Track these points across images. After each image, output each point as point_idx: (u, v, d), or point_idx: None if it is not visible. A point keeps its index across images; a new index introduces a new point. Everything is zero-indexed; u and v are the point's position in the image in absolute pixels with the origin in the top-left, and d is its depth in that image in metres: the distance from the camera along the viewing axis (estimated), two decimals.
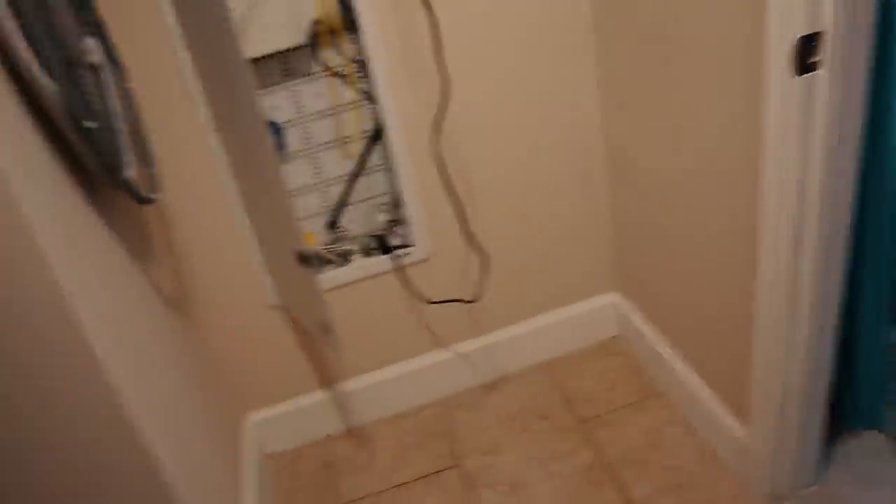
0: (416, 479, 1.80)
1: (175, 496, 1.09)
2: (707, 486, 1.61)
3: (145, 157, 1.27)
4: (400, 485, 1.80)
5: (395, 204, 1.77)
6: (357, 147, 1.70)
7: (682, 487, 1.62)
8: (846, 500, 1.52)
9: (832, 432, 1.56)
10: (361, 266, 1.79)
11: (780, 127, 1.13)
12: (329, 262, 1.76)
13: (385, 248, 1.78)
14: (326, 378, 1.94)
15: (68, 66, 0.98)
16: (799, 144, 1.13)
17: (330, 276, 1.77)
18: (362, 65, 1.60)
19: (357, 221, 1.79)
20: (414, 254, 1.80)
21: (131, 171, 1.10)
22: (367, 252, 1.80)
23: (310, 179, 1.71)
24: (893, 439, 1.61)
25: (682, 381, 1.75)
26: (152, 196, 1.20)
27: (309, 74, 1.61)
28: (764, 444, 1.47)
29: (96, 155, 1.02)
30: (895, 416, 1.63)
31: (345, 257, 1.77)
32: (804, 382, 1.37)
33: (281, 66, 1.58)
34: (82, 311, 0.93)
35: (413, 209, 1.75)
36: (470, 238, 1.78)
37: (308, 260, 1.44)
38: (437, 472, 1.81)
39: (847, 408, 1.60)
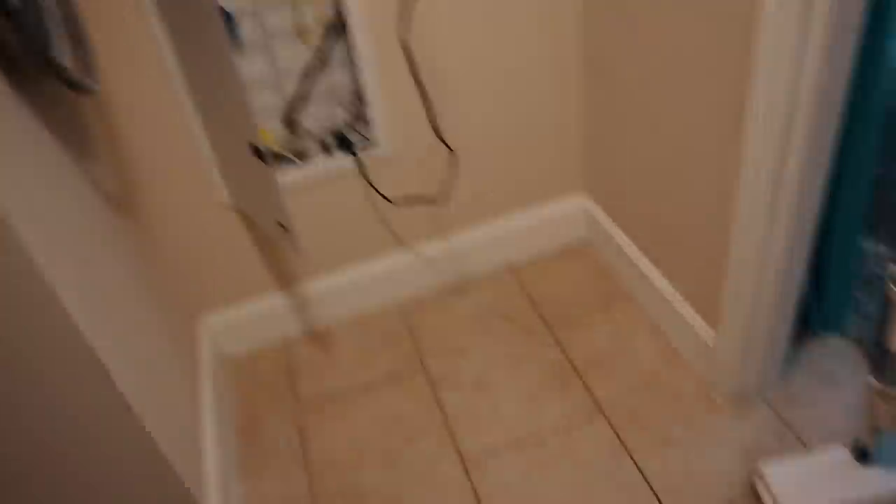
0: (378, 380, 1.78)
1: (128, 399, 1.03)
2: (672, 387, 1.62)
3: (78, 41, 1.14)
4: (362, 385, 1.77)
5: (358, 99, 1.67)
6: (316, 37, 1.58)
7: (647, 388, 1.63)
8: (807, 399, 1.55)
9: (798, 335, 1.56)
10: (321, 164, 1.70)
11: (776, 19, 1.06)
12: (286, 159, 1.67)
13: (346, 146, 1.69)
14: (284, 279, 1.87)
15: None
16: (795, 38, 1.06)
17: (287, 175, 1.68)
18: None
19: (316, 118, 1.68)
20: (377, 151, 1.71)
21: (61, 53, 0.99)
22: (327, 150, 1.70)
23: (265, 73, 1.59)
24: (856, 344, 1.62)
25: (651, 283, 1.73)
26: (87, 82, 1.08)
27: None
28: (732, 345, 1.47)
29: (20, 35, 0.90)
30: (860, 322, 1.64)
31: (303, 155, 1.68)
32: (777, 286, 1.35)
33: None
34: (12, 205, 0.84)
35: (377, 104, 1.64)
36: (437, 134, 1.70)
37: (264, 156, 1.35)
38: (401, 372, 1.79)
39: (814, 312, 1.60)
